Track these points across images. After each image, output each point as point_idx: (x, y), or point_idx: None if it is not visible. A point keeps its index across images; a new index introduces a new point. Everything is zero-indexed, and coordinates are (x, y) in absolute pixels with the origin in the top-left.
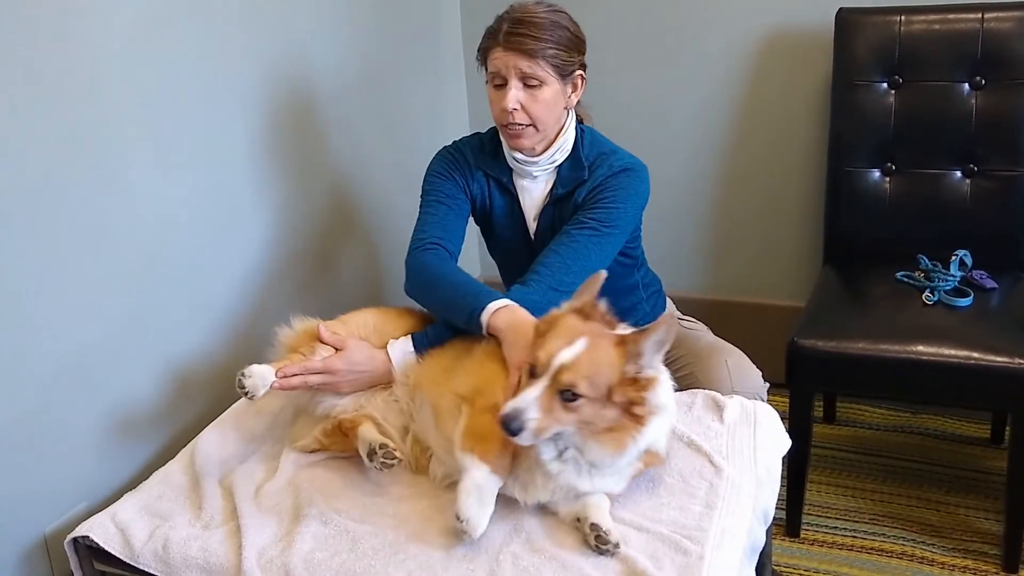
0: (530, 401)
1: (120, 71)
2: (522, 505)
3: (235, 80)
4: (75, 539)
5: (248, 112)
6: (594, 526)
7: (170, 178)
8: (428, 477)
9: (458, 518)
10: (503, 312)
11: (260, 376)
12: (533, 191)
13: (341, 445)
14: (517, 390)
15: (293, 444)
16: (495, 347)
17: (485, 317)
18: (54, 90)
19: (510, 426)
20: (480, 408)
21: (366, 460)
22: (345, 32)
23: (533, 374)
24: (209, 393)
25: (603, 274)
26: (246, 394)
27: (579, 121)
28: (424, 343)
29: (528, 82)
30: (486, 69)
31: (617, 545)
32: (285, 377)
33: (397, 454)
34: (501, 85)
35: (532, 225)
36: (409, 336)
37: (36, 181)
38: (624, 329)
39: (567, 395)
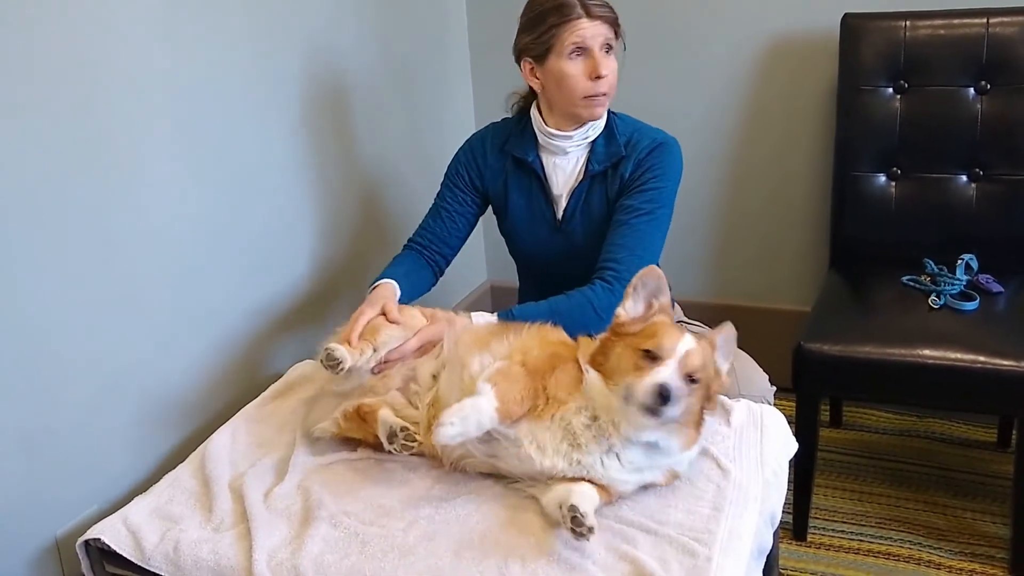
0: (673, 376)
1: (128, 75)
2: (537, 466)
3: (241, 80)
4: (87, 542)
5: (254, 113)
6: (572, 507)
7: (185, 180)
8: (441, 462)
9: (440, 422)
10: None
11: (345, 354)
12: (565, 167)
13: (359, 431)
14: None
15: (312, 427)
16: (537, 330)
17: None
18: (55, 92)
19: (666, 395)
20: (516, 361)
21: (386, 443)
22: (350, 32)
23: (653, 358)
24: (219, 396)
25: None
26: (336, 367)
27: None
28: (508, 319)
29: (608, 50)
30: (549, 49)
31: (591, 529)
32: (384, 366)
33: (418, 437)
34: (579, 56)
35: (562, 203)
36: (495, 314)
37: (53, 182)
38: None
39: (688, 379)
